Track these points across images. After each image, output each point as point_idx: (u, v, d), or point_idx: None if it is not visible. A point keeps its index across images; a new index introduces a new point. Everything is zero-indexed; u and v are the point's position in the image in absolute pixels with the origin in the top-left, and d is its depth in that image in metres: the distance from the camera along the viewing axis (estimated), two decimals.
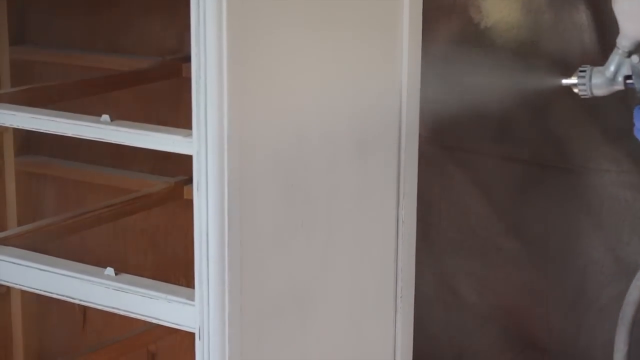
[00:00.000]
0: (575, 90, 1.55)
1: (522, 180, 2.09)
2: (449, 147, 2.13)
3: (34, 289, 1.59)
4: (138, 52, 2.09)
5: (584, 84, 1.52)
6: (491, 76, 2.04)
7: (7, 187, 2.22)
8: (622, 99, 1.92)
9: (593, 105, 1.95)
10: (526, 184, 2.09)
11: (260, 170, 1.45)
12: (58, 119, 1.55)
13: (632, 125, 1.53)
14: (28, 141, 2.25)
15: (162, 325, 1.51)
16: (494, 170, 2.10)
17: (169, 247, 2.16)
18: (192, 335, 1.46)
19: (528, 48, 2.01)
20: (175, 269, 2.14)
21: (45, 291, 1.57)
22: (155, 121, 1.62)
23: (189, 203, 1.45)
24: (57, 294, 1.56)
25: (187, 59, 1.42)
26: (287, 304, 1.54)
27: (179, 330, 1.49)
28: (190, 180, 1.46)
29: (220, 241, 1.40)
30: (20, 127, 1.60)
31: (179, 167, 2.02)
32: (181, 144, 1.44)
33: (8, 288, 2.19)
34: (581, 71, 1.53)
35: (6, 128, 2.15)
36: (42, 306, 2.28)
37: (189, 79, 1.39)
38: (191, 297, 1.45)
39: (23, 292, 2.19)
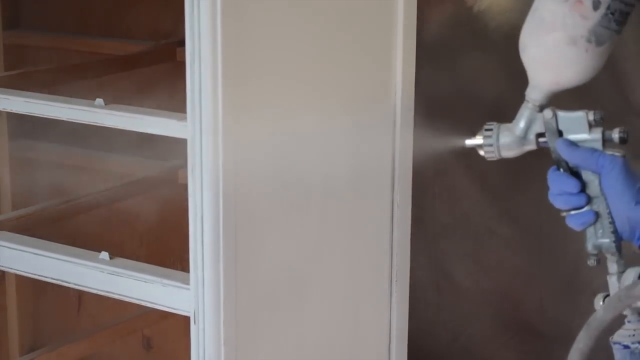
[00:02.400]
0: (481, 153, 1.31)
1: (515, 165, 2.09)
2: (443, 131, 2.13)
3: (28, 273, 1.59)
4: (132, 36, 2.08)
5: (490, 145, 1.28)
6: (484, 59, 2.04)
7: (2, 171, 2.21)
8: (615, 84, 1.92)
9: (584, 90, 1.95)
10: (519, 168, 2.09)
11: (254, 153, 1.45)
12: (52, 103, 1.54)
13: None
14: (22, 126, 2.24)
15: (157, 310, 1.51)
16: None
17: (163, 231, 2.16)
18: (187, 319, 1.46)
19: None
20: (170, 253, 2.14)
21: (40, 275, 1.57)
22: (149, 105, 1.61)
23: (184, 187, 1.45)
24: (52, 278, 1.56)
25: (182, 43, 1.42)
26: (282, 288, 1.54)
27: (174, 314, 1.49)
28: (184, 165, 1.46)
29: (215, 225, 1.40)
30: (14, 111, 1.60)
31: (173, 151, 2.02)
32: (175, 128, 1.43)
33: (3, 272, 2.18)
34: (487, 130, 1.30)
35: (0, 112, 2.14)
36: (37, 291, 2.28)
37: (183, 63, 1.39)
38: (186, 281, 1.45)
39: (18, 277, 2.19)
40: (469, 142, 1.33)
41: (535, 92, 1.26)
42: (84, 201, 1.83)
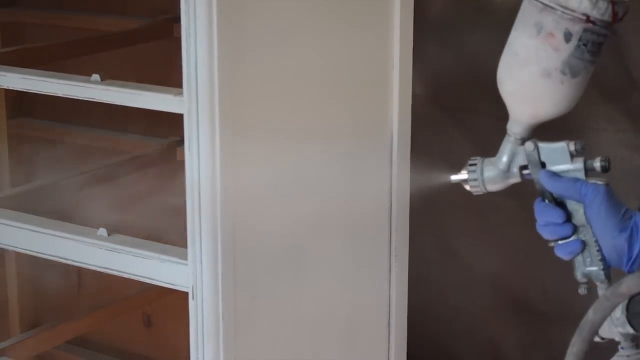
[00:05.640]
0: (467, 187, 1.31)
1: None
2: (448, 107, 2.12)
3: (27, 250, 1.59)
4: (129, 13, 2.07)
5: (475, 179, 1.29)
6: (489, 35, 2.03)
7: (0, 149, 2.21)
8: (619, 60, 1.91)
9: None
10: None
11: (251, 126, 1.44)
12: (49, 79, 1.54)
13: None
14: (20, 103, 2.24)
15: (157, 287, 1.51)
16: (492, 130, 2.09)
17: (162, 208, 2.15)
18: (187, 296, 1.45)
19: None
20: (169, 230, 2.13)
21: (38, 252, 1.57)
22: (146, 82, 1.61)
23: (182, 164, 1.44)
24: (51, 255, 1.56)
25: (178, 19, 1.42)
26: (280, 262, 1.54)
27: (174, 291, 1.49)
28: (183, 141, 1.45)
29: (212, 199, 1.40)
30: (10, 88, 1.60)
31: (172, 128, 2.01)
32: (172, 103, 1.43)
33: (2, 250, 2.18)
34: (471, 164, 1.30)
35: None
36: (38, 268, 2.28)
37: (180, 39, 1.39)
38: (184, 257, 1.45)
39: (18, 255, 2.19)
40: (454, 177, 1.31)
41: (515, 126, 1.26)
42: (83, 178, 1.82)
